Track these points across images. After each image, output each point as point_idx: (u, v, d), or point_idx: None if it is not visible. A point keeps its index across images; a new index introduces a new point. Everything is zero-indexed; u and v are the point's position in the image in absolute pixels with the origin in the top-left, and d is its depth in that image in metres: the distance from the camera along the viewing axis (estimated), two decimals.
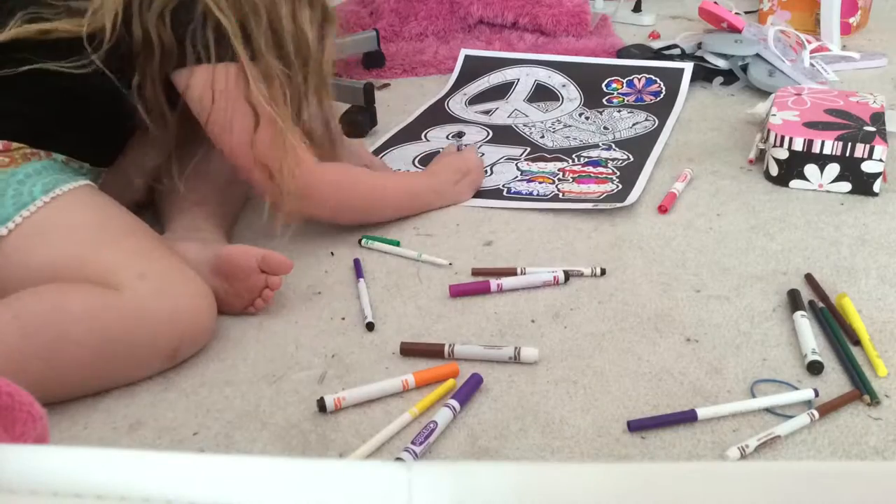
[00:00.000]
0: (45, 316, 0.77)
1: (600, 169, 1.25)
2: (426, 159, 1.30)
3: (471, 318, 0.93)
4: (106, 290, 0.80)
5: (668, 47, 1.73)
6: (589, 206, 1.14)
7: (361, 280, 0.99)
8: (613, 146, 1.33)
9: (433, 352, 0.86)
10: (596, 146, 1.34)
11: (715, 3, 1.74)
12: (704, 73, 1.61)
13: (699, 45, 1.69)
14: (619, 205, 1.13)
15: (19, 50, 0.87)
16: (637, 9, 2.04)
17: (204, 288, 0.87)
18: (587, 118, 1.46)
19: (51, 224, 0.84)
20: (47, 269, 0.82)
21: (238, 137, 0.94)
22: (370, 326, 0.91)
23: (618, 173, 1.23)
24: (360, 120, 1.41)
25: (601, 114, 1.47)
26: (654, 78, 1.56)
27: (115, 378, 0.82)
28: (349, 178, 1.07)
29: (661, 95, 1.52)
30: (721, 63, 1.61)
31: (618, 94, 1.54)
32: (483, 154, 1.32)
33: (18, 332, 0.76)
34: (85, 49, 0.88)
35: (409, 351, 0.86)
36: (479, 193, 1.20)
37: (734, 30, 1.68)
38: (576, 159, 1.29)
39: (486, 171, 1.25)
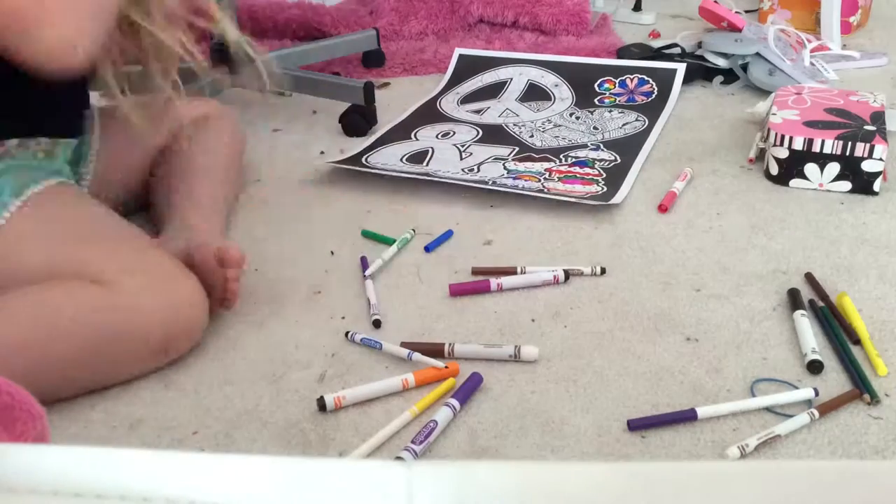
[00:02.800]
0: (33, 313, 0.78)
1: (587, 169, 1.25)
2: (414, 158, 1.30)
3: (471, 318, 0.93)
4: (94, 287, 0.80)
5: (669, 46, 1.73)
6: (573, 199, 1.14)
7: (368, 279, 0.99)
8: (602, 146, 1.33)
9: (433, 351, 0.85)
10: (584, 146, 1.34)
11: (715, 2, 1.74)
12: (704, 72, 1.61)
13: (699, 44, 1.68)
14: (603, 203, 1.13)
15: None
16: (637, 8, 2.04)
17: (192, 282, 0.87)
18: (578, 118, 1.46)
19: (30, 229, 0.84)
20: (33, 273, 0.82)
21: None
22: (377, 324, 0.91)
23: (604, 175, 1.23)
24: (360, 119, 1.41)
25: (592, 114, 1.47)
26: (646, 78, 1.56)
27: (109, 374, 0.82)
28: None
29: (653, 96, 1.52)
30: (721, 62, 1.61)
31: (610, 94, 1.54)
32: (472, 154, 1.32)
33: (9, 329, 0.76)
34: None
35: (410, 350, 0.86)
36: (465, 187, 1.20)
37: (734, 29, 1.68)
38: (563, 159, 1.29)
39: (473, 169, 1.25)
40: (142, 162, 1.12)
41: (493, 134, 1.41)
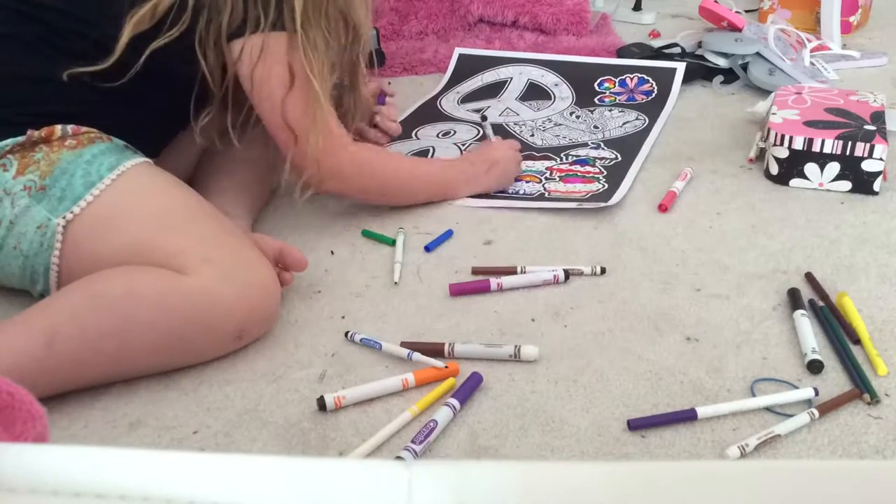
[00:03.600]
0: (118, 298, 0.80)
1: (587, 168, 1.25)
2: (416, 157, 1.31)
3: (471, 317, 0.93)
4: (174, 275, 0.83)
5: (669, 46, 1.73)
6: (573, 205, 1.14)
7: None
8: (602, 145, 1.34)
9: (433, 351, 0.85)
10: (585, 145, 1.34)
11: (715, 1, 1.74)
12: (704, 72, 1.61)
13: (699, 44, 1.68)
14: (602, 205, 1.13)
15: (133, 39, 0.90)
16: (637, 7, 2.04)
17: (268, 271, 0.89)
18: (578, 117, 1.46)
19: (118, 208, 0.87)
20: (116, 254, 0.85)
21: (270, 96, 0.96)
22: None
23: (605, 173, 1.23)
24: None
25: (592, 113, 1.47)
26: (646, 77, 1.56)
27: (185, 358, 0.84)
28: (379, 162, 1.10)
29: (653, 95, 1.52)
30: (721, 62, 1.61)
31: (610, 93, 1.54)
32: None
33: (94, 312, 0.78)
34: (177, 15, 0.91)
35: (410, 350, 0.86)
36: None
37: (734, 28, 1.68)
38: (564, 158, 1.29)
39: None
40: (191, 158, 1.16)
41: (494, 133, 1.40)
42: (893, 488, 0.23)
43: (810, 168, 1.18)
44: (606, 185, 1.19)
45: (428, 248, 1.06)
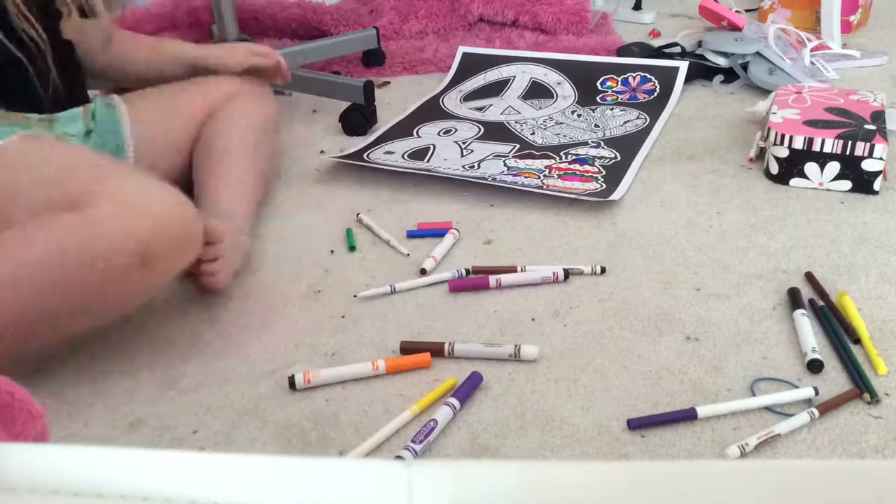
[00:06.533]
0: (13, 275, 0.77)
1: (587, 167, 1.26)
2: (415, 154, 1.31)
3: (471, 317, 0.93)
4: (68, 215, 0.79)
5: (669, 45, 1.73)
6: (572, 196, 1.15)
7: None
8: (602, 144, 1.34)
9: (433, 350, 0.86)
10: (585, 144, 1.34)
11: (716, 1, 1.74)
12: (705, 72, 1.61)
13: (699, 44, 1.68)
14: (602, 200, 1.14)
15: None
16: (637, 7, 2.04)
17: (175, 195, 0.84)
18: (579, 115, 1.46)
19: (14, 162, 0.85)
20: (17, 202, 0.82)
21: None
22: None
23: (603, 172, 1.24)
24: (360, 118, 1.41)
25: (594, 111, 1.47)
26: (648, 76, 1.56)
27: (111, 299, 0.82)
28: None
29: (655, 94, 1.52)
30: (721, 61, 1.61)
31: (612, 91, 1.54)
32: (473, 151, 1.33)
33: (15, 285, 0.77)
34: None
35: (409, 350, 0.86)
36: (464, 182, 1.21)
37: (734, 28, 1.68)
38: (563, 156, 1.30)
39: (474, 166, 1.26)
40: (180, 146, 1.14)
41: (495, 131, 1.41)
42: (893, 488, 0.23)
43: (810, 167, 1.18)
44: (605, 185, 1.19)
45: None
